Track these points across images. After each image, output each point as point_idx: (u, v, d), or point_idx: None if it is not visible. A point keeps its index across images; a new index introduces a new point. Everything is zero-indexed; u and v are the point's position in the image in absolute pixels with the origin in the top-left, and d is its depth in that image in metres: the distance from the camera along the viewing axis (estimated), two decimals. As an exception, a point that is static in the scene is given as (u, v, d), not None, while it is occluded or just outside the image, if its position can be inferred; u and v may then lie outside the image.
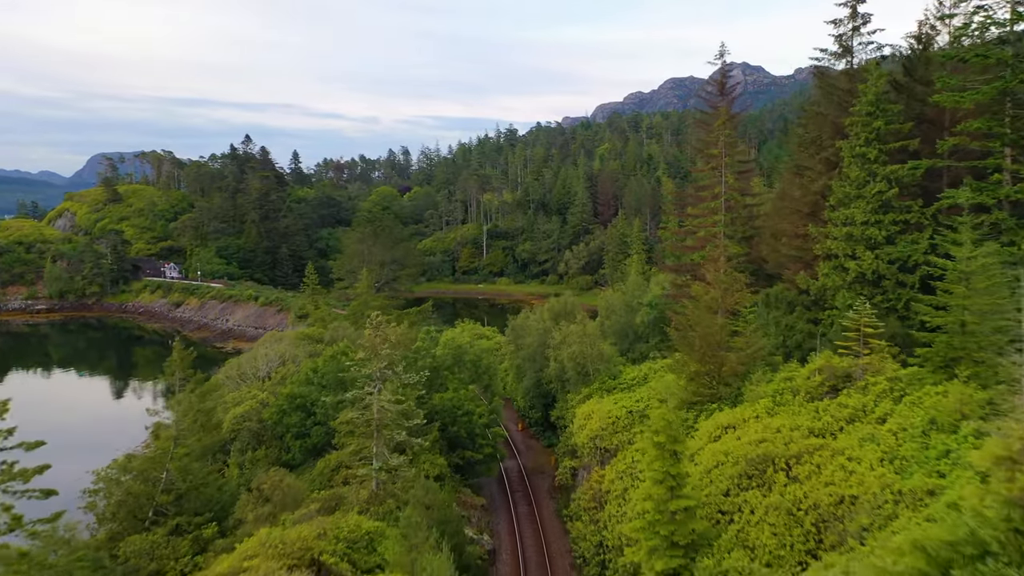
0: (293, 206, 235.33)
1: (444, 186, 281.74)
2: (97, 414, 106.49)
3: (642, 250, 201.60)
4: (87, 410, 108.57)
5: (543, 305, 74.82)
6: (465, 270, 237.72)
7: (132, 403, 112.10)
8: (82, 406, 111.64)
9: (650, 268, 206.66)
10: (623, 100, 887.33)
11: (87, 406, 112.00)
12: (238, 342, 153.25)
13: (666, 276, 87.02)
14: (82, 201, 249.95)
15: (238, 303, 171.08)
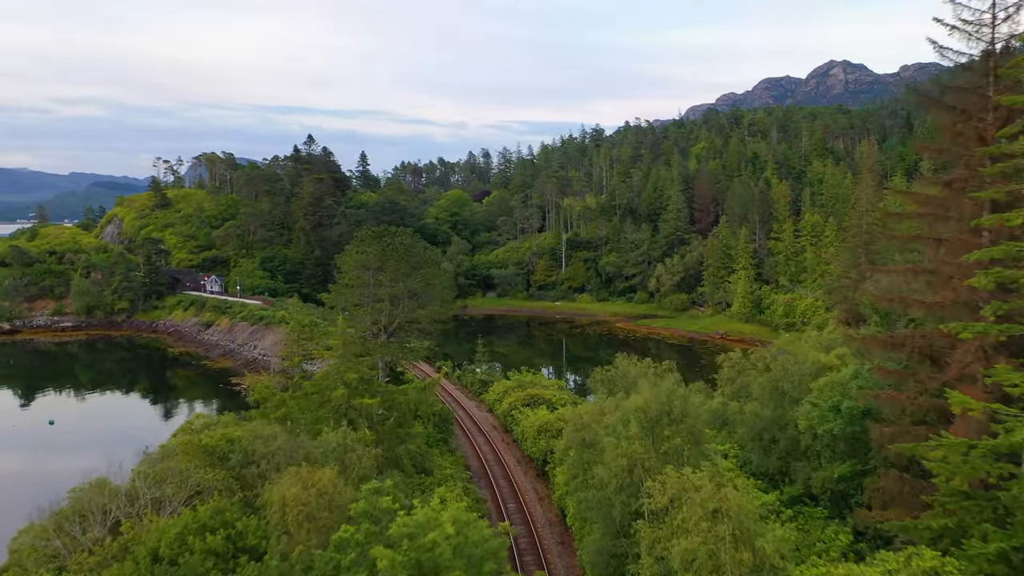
0: (350, 212, 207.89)
1: (520, 190, 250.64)
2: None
3: (750, 264, 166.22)
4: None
5: (623, 402, 42.00)
6: (541, 285, 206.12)
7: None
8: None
9: (760, 287, 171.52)
10: (715, 101, 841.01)
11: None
12: (261, 375, 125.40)
13: (836, 327, 53.90)
14: (130, 207, 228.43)
15: (269, 326, 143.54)
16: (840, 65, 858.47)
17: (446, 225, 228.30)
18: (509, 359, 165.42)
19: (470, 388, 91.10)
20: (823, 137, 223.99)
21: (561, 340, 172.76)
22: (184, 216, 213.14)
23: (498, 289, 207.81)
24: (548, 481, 59.18)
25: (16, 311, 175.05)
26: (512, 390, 79.87)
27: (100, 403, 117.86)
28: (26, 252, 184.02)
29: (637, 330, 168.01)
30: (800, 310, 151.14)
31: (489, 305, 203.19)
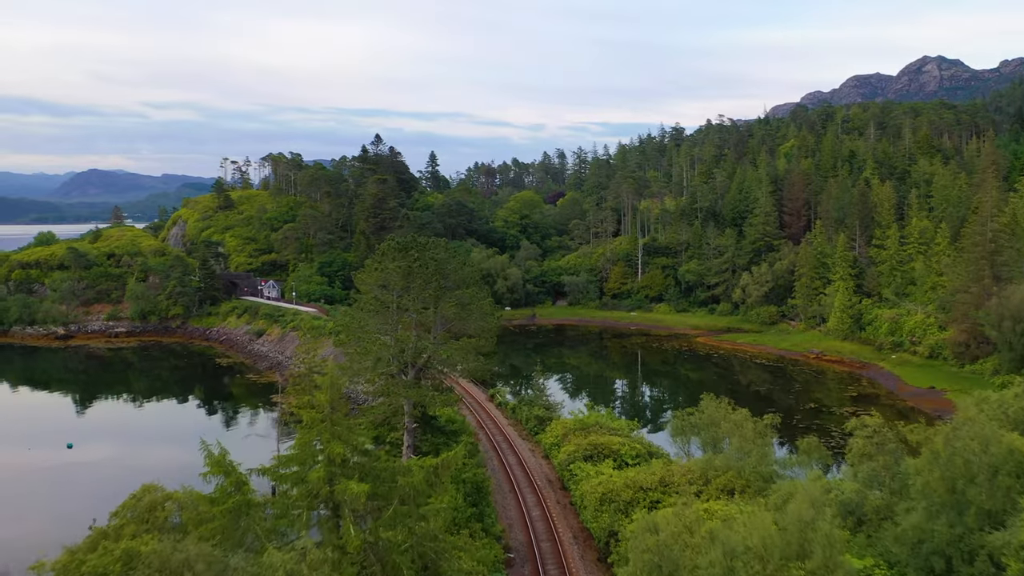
0: (413, 215, 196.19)
1: (595, 191, 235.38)
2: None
3: (849, 275, 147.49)
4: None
5: (725, 535, 27.40)
6: (615, 293, 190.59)
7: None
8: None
9: (860, 300, 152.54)
10: (800, 100, 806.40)
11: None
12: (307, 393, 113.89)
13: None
14: (194, 208, 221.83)
15: (320, 337, 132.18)
16: (934, 61, 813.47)
17: (515, 228, 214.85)
18: (580, 371, 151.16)
19: (525, 424, 76.99)
20: (928, 134, 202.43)
21: (636, 353, 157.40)
22: (245, 218, 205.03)
23: (569, 297, 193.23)
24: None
25: (72, 315, 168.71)
26: (573, 433, 65.53)
27: (137, 420, 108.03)
28: (84, 254, 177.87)
29: (720, 346, 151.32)
30: (908, 328, 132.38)
31: (559, 314, 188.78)
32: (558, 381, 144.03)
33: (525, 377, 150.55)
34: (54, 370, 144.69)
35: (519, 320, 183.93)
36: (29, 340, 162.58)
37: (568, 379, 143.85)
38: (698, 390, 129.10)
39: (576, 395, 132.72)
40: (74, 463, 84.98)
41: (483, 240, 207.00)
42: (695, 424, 60.30)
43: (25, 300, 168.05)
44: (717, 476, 48.17)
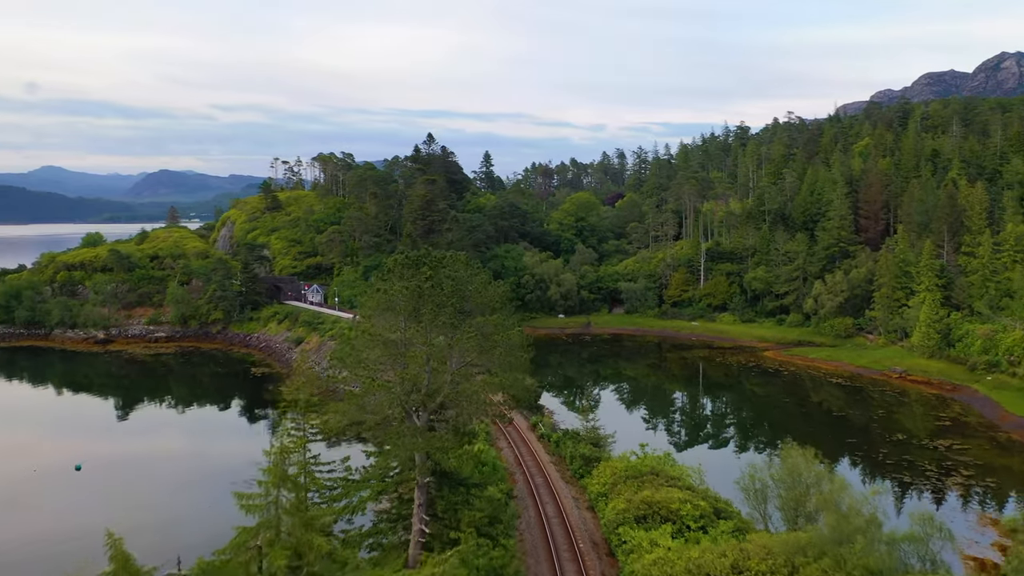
0: (463, 217, 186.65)
1: (655, 193, 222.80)
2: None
3: (935, 285, 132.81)
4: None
5: None
6: (675, 301, 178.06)
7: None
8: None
9: (949, 313, 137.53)
10: (870, 99, 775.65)
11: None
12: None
13: None
14: (242, 209, 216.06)
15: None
16: (1013, 57, 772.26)
17: (570, 231, 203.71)
18: (637, 383, 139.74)
19: (569, 463, 66.14)
20: (1021, 131, 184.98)
21: (697, 366, 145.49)
22: (292, 220, 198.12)
23: (626, 305, 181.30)
24: None
25: (112, 318, 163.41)
26: (623, 481, 54.61)
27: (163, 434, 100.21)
28: (126, 257, 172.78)
29: (791, 361, 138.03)
30: (1006, 346, 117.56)
31: (615, 323, 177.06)
32: (614, 392, 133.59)
33: (578, 387, 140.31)
34: (95, 375, 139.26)
35: (573, 328, 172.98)
36: (69, 344, 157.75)
37: (624, 390, 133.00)
38: (764, 408, 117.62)
39: (632, 406, 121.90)
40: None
41: (536, 243, 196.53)
42: (774, 478, 49.10)
43: (66, 303, 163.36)
44: (807, 564, 36.86)
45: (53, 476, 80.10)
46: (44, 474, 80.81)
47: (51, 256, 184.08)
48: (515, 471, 64.86)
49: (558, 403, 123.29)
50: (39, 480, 79.38)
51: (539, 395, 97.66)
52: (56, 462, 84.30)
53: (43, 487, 77.71)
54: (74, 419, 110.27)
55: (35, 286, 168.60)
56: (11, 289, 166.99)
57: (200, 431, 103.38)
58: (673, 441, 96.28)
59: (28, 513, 71.17)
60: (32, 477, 79.91)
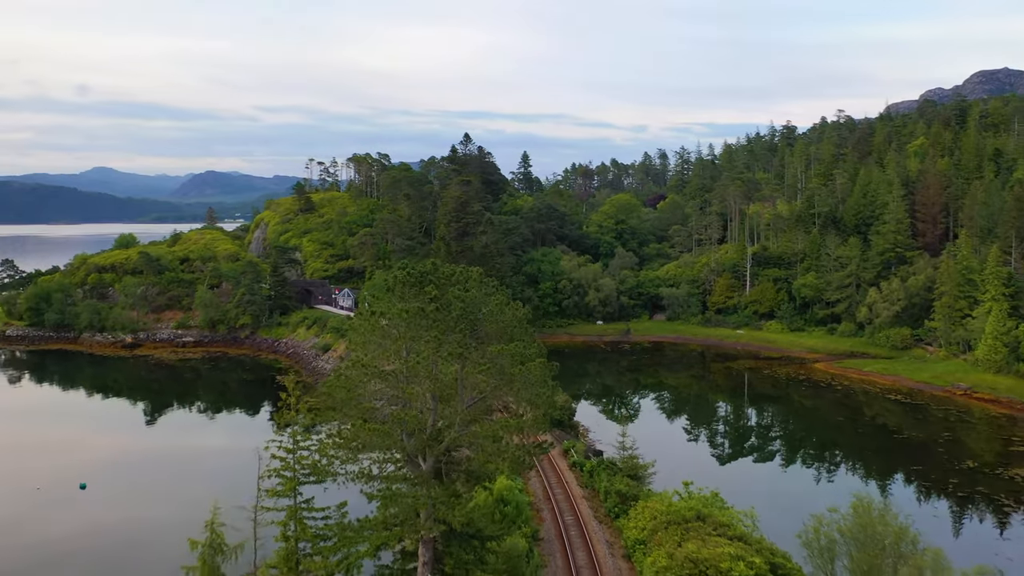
0: (498, 219, 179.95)
1: (698, 194, 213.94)
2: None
3: (1003, 295, 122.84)
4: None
5: None
6: (720, 308, 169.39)
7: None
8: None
9: (1018, 325, 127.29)
10: (919, 98, 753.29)
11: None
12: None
13: None
14: (276, 211, 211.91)
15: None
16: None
17: (610, 234, 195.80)
18: (679, 392, 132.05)
19: (604, 499, 58.87)
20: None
21: (743, 377, 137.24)
22: (325, 222, 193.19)
23: (667, 311, 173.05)
24: None
25: (141, 322, 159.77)
26: (665, 527, 47.30)
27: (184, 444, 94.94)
28: (156, 259, 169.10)
29: (843, 374, 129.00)
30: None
31: (656, 330, 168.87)
32: (654, 402, 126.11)
33: (617, 396, 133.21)
34: (120, 380, 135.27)
35: (612, 336, 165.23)
36: (97, 348, 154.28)
37: (665, 400, 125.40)
38: (817, 426, 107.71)
39: (673, 416, 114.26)
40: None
41: (575, 246, 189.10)
42: (843, 532, 41.58)
43: (95, 306, 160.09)
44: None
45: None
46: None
47: (83, 258, 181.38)
48: (542, 507, 57.91)
49: (596, 411, 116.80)
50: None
51: (573, 412, 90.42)
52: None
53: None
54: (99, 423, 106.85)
55: (65, 288, 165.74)
56: (42, 291, 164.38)
57: (219, 449, 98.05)
58: (717, 454, 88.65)
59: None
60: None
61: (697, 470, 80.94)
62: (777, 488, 78.05)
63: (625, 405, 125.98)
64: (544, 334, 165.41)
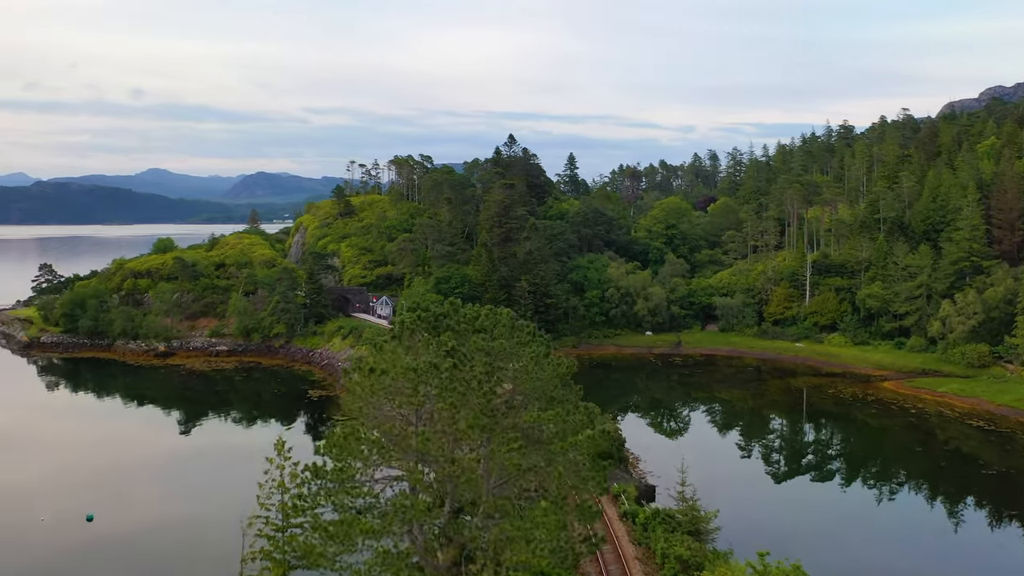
0: (543, 224, 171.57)
1: (752, 198, 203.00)
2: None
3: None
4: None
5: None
6: (777, 319, 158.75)
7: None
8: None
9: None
10: (978, 96, 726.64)
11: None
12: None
13: None
14: (315, 215, 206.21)
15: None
16: None
17: (660, 240, 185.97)
18: (732, 406, 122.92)
19: (660, 564, 50.04)
20: None
21: (801, 391, 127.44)
22: (364, 226, 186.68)
23: (721, 322, 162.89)
24: None
25: (175, 330, 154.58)
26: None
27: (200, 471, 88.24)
28: (191, 265, 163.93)
29: (916, 394, 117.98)
30: None
31: (709, 342, 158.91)
32: (707, 418, 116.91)
33: (666, 410, 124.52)
34: (150, 391, 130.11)
35: (662, 348, 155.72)
36: (130, 356, 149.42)
37: (720, 417, 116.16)
38: (893, 456, 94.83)
39: (731, 437, 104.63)
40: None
41: (623, 252, 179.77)
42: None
43: (129, 312, 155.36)
44: None
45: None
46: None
47: (120, 262, 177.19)
48: (588, 570, 49.37)
49: (646, 431, 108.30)
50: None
51: (622, 441, 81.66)
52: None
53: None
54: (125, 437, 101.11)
55: (100, 294, 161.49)
56: (77, 297, 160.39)
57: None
58: (791, 499, 78.88)
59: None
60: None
61: (764, 516, 71.87)
62: (864, 535, 68.27)
63: (675, 419, 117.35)
64: (590, 345, 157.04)
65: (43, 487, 78.59)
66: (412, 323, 27.91)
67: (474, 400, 25.28)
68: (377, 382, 26.55)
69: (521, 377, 28.09)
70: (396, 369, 26.08)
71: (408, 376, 25.71)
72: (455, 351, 26.17)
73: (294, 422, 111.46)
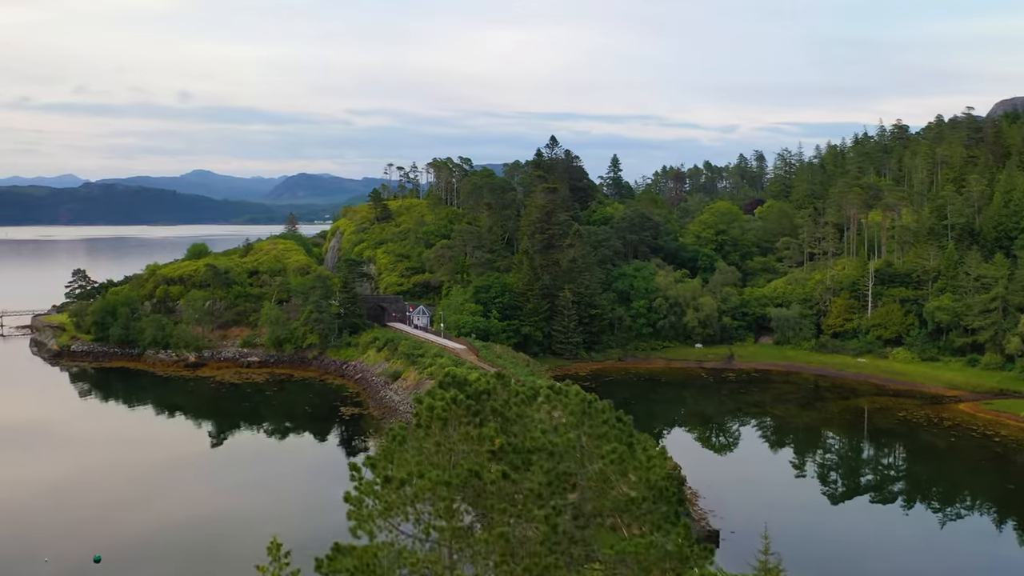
0: (587, 230, 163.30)
1: (807, 202, 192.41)
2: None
3: None
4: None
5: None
6: (836, 332, 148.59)
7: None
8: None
9: None
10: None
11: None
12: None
13: None
14: (352, 219, 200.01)
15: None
16: None
17: (709, 246, 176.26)
18: (786, 422, 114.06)
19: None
20: None
21: (862, 410, 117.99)
22: (401, 231, 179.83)
23: (776, 334, 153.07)
24: None
25: (205, 339, 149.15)
26: None
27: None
28: (223, 272, 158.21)
29: (997, 419, 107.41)
30: None
31: (763, 356, 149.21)
32: (764, 437, 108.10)
33: (721, 431, 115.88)
34: (187, 401, 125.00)
35: (713, 362, 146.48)
36: (160, 367, 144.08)
37: (778, 437, 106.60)
38: (989, 498, 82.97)
39: (793, 457, 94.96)
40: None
41: (670, 259, 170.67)
42: None
43: (160, 321, 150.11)
44: None
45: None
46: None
47: (153, 268, 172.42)
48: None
49: (697, 446, 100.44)
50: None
51: (682, 480, 73.10)
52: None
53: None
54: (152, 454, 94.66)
55: (132, 302, 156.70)
56: (108, 305, 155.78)
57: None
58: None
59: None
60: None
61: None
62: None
63: (731, 441, 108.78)
64: (637, 358, 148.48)
65: (44, 526, 72.45)
66: (444, 409, 20.23)
67: (532, 529, 17.49)
68: (396, 496, 18.96)
69: (596, 487, 20.26)
70: (423, 481, 18.46)
71: (439, 491, 18.05)
72: (505, 451, 18.51)
73: (325, 440, 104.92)
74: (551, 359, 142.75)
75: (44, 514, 73.67)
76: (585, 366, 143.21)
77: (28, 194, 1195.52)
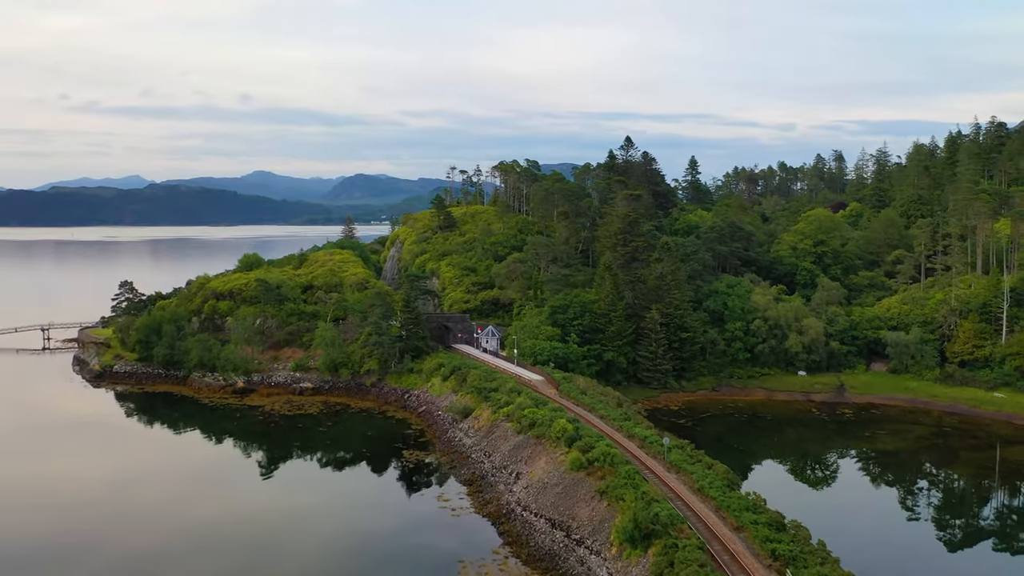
0: (673, 242, 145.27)
1: (913, 208, 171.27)
2: None
3: None
4: None
5: None
6: (964, 360, 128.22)
7: None
8: None
9: None
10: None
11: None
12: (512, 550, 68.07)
13: None
14: (413, 227, 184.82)
15: (542, 442, 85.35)
16: None
17: (808, 259, 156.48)
18: (898, 459, 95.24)
19: None
20: None
21: (994, 449, 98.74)
22: (467, 241, 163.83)
23: (892, 361, 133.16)
24: None
25: (255, 361, 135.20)
26: None
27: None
28: (275, 287, 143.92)
29: None
30: None
31: (878, 387, 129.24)
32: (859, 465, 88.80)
33: (819, 462, 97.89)
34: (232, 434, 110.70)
35: (821, 393, 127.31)
36: (205, 393, 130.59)
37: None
38: None
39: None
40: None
41: (764, 274, 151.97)
42: None
43: (207, 341, 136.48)
44: None
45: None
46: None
47: (203, 280, 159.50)
48: None
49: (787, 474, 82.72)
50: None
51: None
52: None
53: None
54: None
55: (178, 319, 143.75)
56: (153, 322, 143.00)
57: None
58: None
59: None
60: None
61: None
62: None
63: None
64: (734, 388, 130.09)
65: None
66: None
67: None
68: None
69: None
70: None
71: None
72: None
73: (383, 498, 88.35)
74: (636, 388, 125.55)
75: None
76: (676, 397, 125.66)
77: (96, 195, 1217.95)
